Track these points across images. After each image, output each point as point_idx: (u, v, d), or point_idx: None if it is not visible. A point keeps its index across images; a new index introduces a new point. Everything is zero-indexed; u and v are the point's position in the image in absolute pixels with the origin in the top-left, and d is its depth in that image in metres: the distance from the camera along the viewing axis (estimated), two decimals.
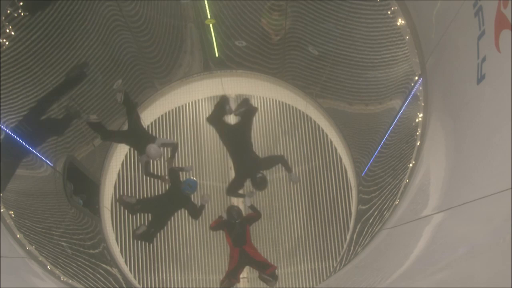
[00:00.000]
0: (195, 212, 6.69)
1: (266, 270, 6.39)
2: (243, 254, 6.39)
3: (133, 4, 6.61)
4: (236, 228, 6.49)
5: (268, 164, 6.64)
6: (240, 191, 6.68)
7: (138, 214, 7.97)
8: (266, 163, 6.57)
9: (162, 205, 6.61)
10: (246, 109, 6.44)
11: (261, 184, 6.29)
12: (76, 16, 5.83)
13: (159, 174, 7.85)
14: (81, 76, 6.40)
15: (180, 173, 6.84)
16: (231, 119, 7.33)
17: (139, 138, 6.43)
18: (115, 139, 7.06)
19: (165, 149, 6.99)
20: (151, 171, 6.94)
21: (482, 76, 2.89)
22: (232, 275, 6.41)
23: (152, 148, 6.20)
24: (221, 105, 6.48)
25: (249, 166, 6.33)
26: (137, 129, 6.47)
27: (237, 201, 8.34)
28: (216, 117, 6.52)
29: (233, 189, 6.64)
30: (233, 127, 6.61)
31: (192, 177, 6.90)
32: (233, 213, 6.55)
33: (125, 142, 7.01)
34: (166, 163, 6.98)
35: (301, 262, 8.88)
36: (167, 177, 6.82)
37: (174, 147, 6.72)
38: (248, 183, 6.52)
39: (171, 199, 6.60)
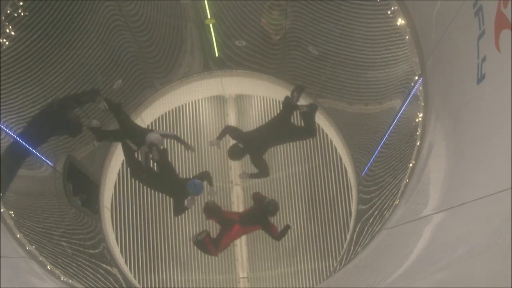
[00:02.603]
0: (179, 209, 6.59)
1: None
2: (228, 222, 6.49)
3: (133, 4, 6.61)
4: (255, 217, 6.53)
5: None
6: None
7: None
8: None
9: (164, 176, 6.48)
10: (308, 110, 6.31)
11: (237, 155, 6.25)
12: (76, 16, 5.82)
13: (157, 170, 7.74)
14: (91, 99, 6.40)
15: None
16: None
17: (133, 132, 6.36)
18: (110, 138, 7.00)
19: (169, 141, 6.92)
20: (151, 165, 6.90)
21: (482, 76, 2.89)
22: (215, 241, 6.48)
23: (153, 135, 6.15)
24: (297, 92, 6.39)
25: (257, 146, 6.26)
26: (128, 126, 6.46)
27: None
28: (293, 105, 6.38)
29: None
30: (291, 125, 6.50)
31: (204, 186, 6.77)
32: (269, 208, 6.55)
33: (119, 140, 6.97)
34: (188, 150, 6.81)
35: (301, 262, 8.88)
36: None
37: (177, 138, 6.68)
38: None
39: (173, 184, 6.47)
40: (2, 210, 4.45)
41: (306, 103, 6.67)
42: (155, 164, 6.60)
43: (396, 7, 4.78)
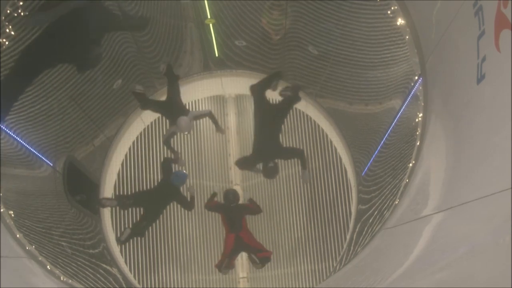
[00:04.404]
0: (187, 204, 6.78)
1: (259, 253, 6.43)
2: (238, 241, 6.38)
3: (133, 4, 6.61)
4: (232, 213, 6.47)
5: (287, 154, 6.52)
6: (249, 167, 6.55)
7: (131, 209, 8.09)
8: (285, 153, 6.44)
9: (153, 199, 6.66)
10: (292, 95, 6.25)
11: (272, 173, 6.08)
12: None
13: (176, 149, 7.87)
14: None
15: (174, 165, 6.97)
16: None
17: (174, 109, 6.52)
18: (152, 108, 7.15)
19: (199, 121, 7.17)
20: (171, 144, 7.06)
21: (482, 76, 2.89)
22: (228, 259, 6.42)
23: (183, 120, 6.27)
24: (270, 78, 6.35)
25: (269, 150, 6.11)
26: (174, 100, 6.56)
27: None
28: (260, 88, 6.31)
29: (243, 163, 6.49)
30: (271, 106, 6.40)
31: (184, 171, 6.96)
32: (229, 196, 6.53)
33: (159, 111, 7.18)
34: (218, 132, 7.39)
35: (301, 263, 8.88)
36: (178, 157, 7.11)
37: (210, 115, 6.83)
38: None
39: (162, 192, 6.65)
40: (2, 210, 4.45)
41: (289, 85, 6.50)
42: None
43: (396, 7, 4.78)
